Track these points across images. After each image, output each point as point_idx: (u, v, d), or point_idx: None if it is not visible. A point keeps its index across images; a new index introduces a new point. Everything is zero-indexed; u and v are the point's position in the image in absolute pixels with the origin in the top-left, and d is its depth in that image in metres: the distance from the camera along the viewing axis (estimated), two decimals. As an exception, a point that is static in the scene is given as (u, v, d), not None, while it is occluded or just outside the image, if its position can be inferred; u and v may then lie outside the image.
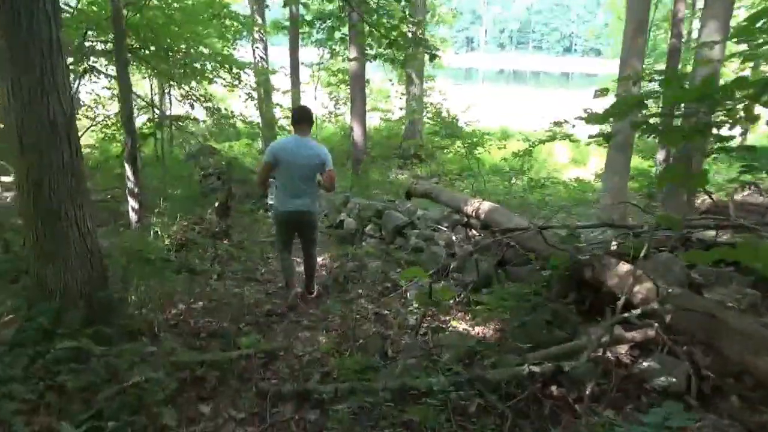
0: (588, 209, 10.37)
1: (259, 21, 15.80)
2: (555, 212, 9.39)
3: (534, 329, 3.51)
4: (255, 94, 10.34)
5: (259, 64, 16.11)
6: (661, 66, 22.46)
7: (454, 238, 5.76)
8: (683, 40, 19.49)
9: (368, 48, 9.66)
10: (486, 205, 5.51)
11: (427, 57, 5.54)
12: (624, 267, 3.51)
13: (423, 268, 4.97)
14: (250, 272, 5.70)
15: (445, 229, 6.08)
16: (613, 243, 3.97)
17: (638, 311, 2.99)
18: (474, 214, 5.66)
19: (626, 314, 2.91)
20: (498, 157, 13.13)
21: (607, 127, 3.87)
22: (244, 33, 14.77)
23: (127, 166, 5.74)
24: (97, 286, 3.54)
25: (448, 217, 6.38)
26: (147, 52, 8.19)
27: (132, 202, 5.88)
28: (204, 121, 10.22)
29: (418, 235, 5.88)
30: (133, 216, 5.97)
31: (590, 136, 3.98)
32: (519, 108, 23.20)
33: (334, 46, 18.14)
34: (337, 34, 18.61)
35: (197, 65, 9.00)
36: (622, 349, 3.28)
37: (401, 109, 17.94)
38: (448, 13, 19.51)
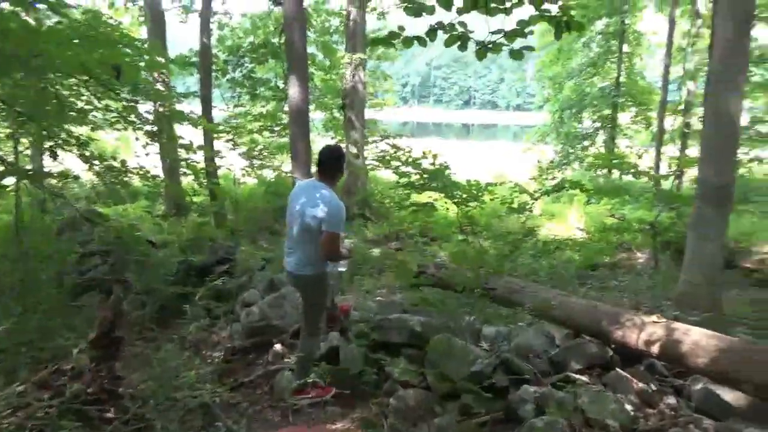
0: (633, 283, 7.77)
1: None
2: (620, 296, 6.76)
3: None
4: (154, 131, 6.85)
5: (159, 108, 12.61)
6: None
7: (629, 409, 2.73)
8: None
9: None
10: (704, 340, 2.55)
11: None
12: None
13: None
14: None
15: (582, 377, 3.04)
16: None
17: None
18: (658, 351, 2.70)
19: None
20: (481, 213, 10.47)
21: None
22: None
23: None
24: None
25: (575, 349, 3.36)
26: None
27: None
28: (75, 177, 6.58)
29: (536, 397, 2.77)
30: None
31: None
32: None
33: (256, 86, 15.12)
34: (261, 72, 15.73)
35: (61, 89, 5.52)
36: None
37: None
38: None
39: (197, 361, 4.45)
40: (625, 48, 22.33)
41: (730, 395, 2.89)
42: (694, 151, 17.31)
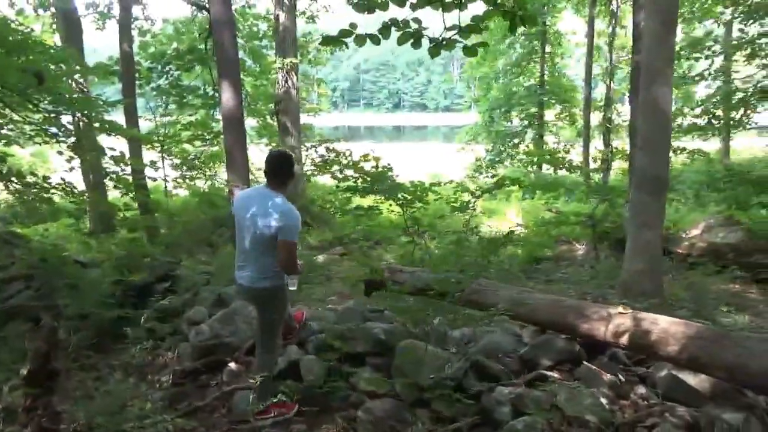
0: (577, 275, 7.98)
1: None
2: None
3: None
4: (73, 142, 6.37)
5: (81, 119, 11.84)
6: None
7: (604, 402, 2.72)
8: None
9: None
10: (673, 328, 2.58)
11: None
12: None
13: None
14: None
15: (554, 374, 3.02)
16: None
17: None
18: (627, 342, 2.71)
19: None
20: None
21: None
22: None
23: None
24: None
25: (544, 346, 3.34)
26: None
27: None
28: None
29: (512, 398, 2.73)
30: None
31: None
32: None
33: (183, 94, 14.53)
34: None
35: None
36: None
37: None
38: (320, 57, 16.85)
39: (144, 387, 4.15)
40: (547, 48, 23.16)
41: (694, 380, 2.95)
42: (617, 144, 18.17)
